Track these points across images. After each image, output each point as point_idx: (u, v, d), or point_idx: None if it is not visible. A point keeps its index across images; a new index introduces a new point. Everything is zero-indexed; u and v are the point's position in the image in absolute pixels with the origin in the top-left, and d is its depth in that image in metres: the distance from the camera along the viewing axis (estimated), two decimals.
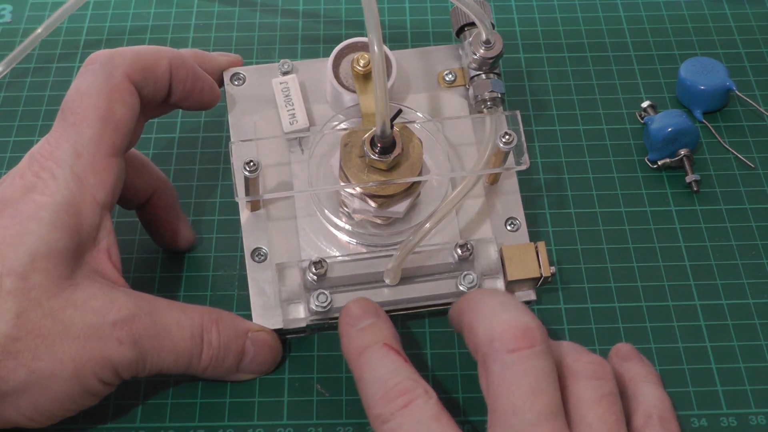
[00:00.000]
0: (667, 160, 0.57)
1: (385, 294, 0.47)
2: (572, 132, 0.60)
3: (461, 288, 0.47)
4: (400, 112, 0.47)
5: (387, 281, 0.47)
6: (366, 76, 0.49)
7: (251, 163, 0.46)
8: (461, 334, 0.44)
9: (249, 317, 0.48)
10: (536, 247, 0.48)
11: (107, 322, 0.42)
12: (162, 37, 0.65)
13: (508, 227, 0.50)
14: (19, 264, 0.42)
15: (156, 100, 0.48)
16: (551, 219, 0.55)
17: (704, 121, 0.60)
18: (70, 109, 0.45)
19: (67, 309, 0.42)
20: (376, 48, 0.42)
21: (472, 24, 0.51)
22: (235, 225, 0.53)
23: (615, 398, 0.42)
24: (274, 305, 0.48)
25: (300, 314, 0.47)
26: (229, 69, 0.52)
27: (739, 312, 0.51)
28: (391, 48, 0.51)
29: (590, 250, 0.54)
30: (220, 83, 0.52)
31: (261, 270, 0.48)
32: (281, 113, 0.50)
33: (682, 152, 0.57)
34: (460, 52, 0.53)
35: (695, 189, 0.56)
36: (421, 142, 0.47)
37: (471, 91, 0.51)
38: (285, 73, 0.52)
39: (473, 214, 0.50)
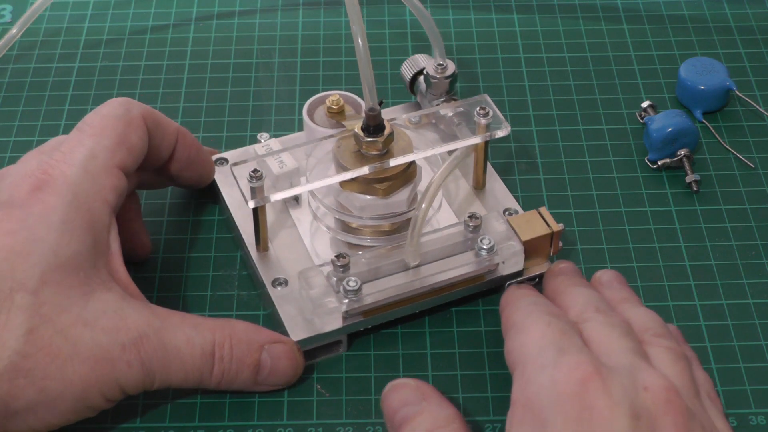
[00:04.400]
0: (667, 160, 0.57)
1: (410, 275, 0.48)
2: (572, 132, 0.60)
3: (482, 253, 0.48)
4: (382, 102, 0.49)
5: (410, 263, 0.48)
6: (340, 112, 0.53)
7: (255, 171, 0.46)
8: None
9: (252, 319, 0.48)
10: (539, 211, 0.50)
11: (117, 344, 0.42)
12: (162, 37, 0.66)
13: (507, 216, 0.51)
14: (30, 277, 0.41)
15: (160, 157, 0.50)
16: None
17: (704, 121, 0.60)
18: (89, 125, 0.46)
19: (77, 326, 0.41)
20: (360, 42, 0.45)
21: (421, 71, 0.56)
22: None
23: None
24: (306, 318, 0.47)
25: (333, 303, 0.46)
26: (214, 155, 0.55)
27: (739, 312, 0.51)
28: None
29: (590, 250, 0.54)
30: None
31: (285, 293, 0.49)
32: (269, 161, 0.50)
33: (682, 152, 0.57)
34: (419, 99, 0.57)
35: (695, 189, 0.56)
36: (407, 134, 0.49)
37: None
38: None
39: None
